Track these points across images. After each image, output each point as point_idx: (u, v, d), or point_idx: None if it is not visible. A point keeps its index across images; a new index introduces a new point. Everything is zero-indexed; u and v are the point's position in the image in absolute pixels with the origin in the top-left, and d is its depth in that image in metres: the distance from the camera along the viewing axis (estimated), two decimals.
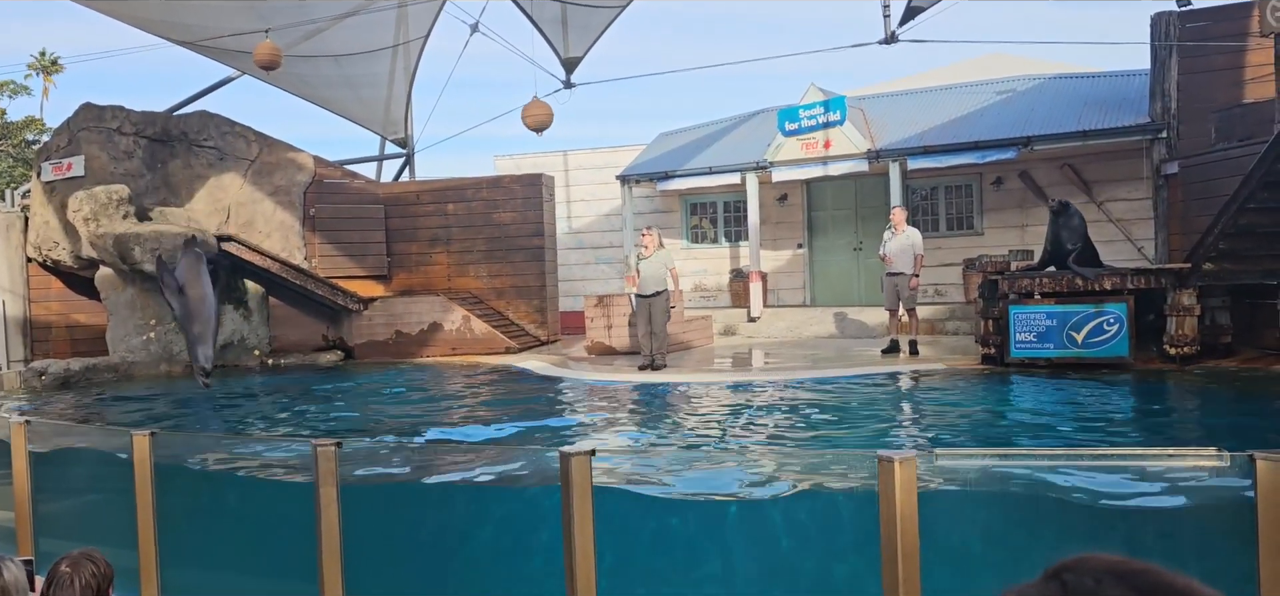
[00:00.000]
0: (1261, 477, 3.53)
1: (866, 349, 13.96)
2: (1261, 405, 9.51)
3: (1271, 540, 3.51)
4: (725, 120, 19.94)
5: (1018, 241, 16.28)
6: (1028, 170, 16.49)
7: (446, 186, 17.97)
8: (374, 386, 13.29)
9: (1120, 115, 14.95)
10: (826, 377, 11.45)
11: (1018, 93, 17.19)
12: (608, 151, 20.66)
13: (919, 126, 16.68)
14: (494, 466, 7.02)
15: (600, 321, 15.05)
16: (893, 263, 12.97)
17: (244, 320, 15.99)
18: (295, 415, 11.03)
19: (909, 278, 12.77)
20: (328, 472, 5.19)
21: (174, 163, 16.13)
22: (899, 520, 3.86)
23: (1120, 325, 10.92)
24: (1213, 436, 7.84)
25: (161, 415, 11.13)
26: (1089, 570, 0.76)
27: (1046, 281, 11.42)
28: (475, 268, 17.47)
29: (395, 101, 20.28)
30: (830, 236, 18.59)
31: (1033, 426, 8.92)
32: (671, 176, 18.10)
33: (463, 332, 16.25)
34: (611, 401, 11.29)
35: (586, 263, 20.79)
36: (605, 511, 4.56)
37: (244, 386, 13.82)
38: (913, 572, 3.86)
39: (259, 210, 16.40)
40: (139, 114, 16.01)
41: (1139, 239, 15.59)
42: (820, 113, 16.46)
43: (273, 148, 16.75)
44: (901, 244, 12.92)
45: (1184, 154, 13.44)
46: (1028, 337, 11.32)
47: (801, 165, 16.85)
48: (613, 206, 20.03)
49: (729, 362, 13.87)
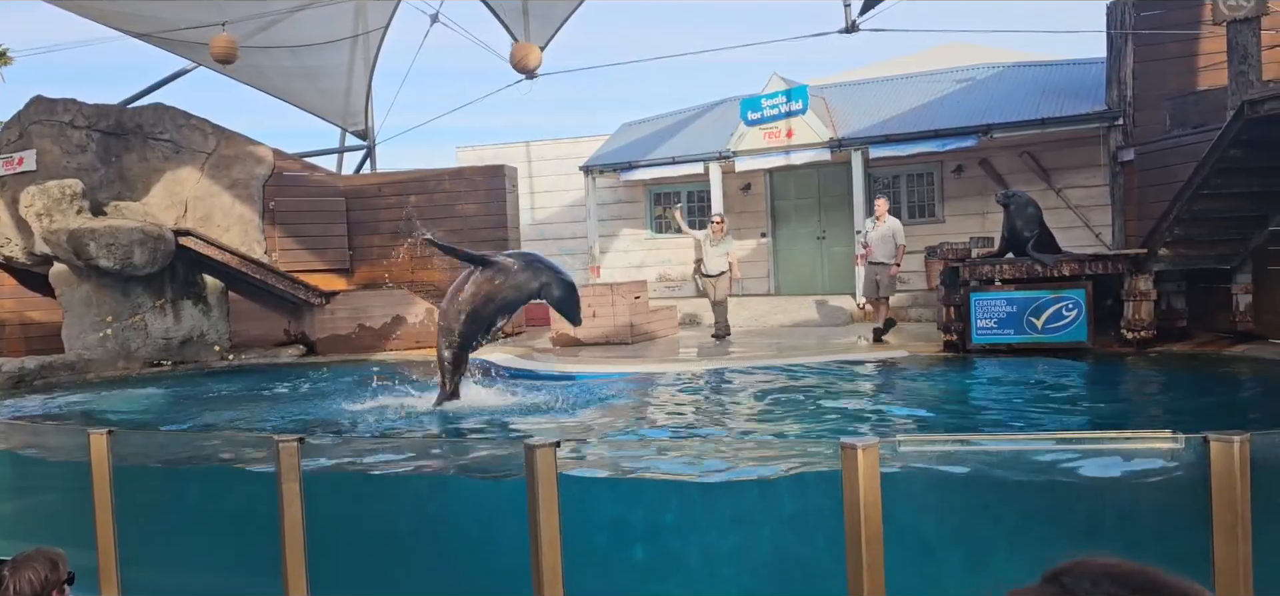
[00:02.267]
0: (1215, 459, 3.60)
1: (831, 337, 14.06)
2: (1215, 388, 9.70)
3: (1224, 520, 3.58)
4: (688, 110, 19.96)
5: (979, 228, 16.47)
6: (988, 158, 16.68)
7: (408, 178, 17.82)
8: (336, 381, 13.16)
9: (1077, 103, 15.16)
10: (791, 365, 11.51)
11: (977, 81, 17.38)
12: (571, 142, 20.61)
13: (880, 115, 16.81)
14: (458, 459, 6.99)
15: None
16: (873, 252, 13.25)
17: (203, 316, 15.76)
18: (256, 410, 10.90)
19: (889, 267, 12.95)
20: (290, 468, 5.14)
21: (129, 156, 15.84)
22: (862, 506, 3.89)
23: (1079, 310, 11.08)
24: (1168, 419, 7.99)
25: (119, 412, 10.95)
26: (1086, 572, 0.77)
27: (1007, 268, 11.57)
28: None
29: (355, 93, 20.08)
30: (793, 225, 18.68)
31: (994, 411, 9.04)
32: (635, 166, 18.09)
33: (427, 326, 16.13)
34: (576, 393, 11.27)
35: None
36: (571, 500, 4.55)
37: (203, 383, 13.63)
38: (876, 557, 3.90)
39: (217, 204, 16.17)
40: (92, 107, 15.70)
41: (1097, 225, 15.83)
42: (782, 102, 16.53)
43: (231, 140, 16.51)
44: (882, 233, 13.17)
45: (1140, 141, 13.65)
46: (989, 324, 11.45)
47: (764, 154, 16.91)
48: (576, 197, 19.99)
49: (695, 352, 13.90)
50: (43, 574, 3.28)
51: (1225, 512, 3.58)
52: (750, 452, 6.54)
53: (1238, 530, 3.57)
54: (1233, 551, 3.58)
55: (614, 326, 14.72)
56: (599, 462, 6.16)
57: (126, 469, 5.88)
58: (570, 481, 4.86)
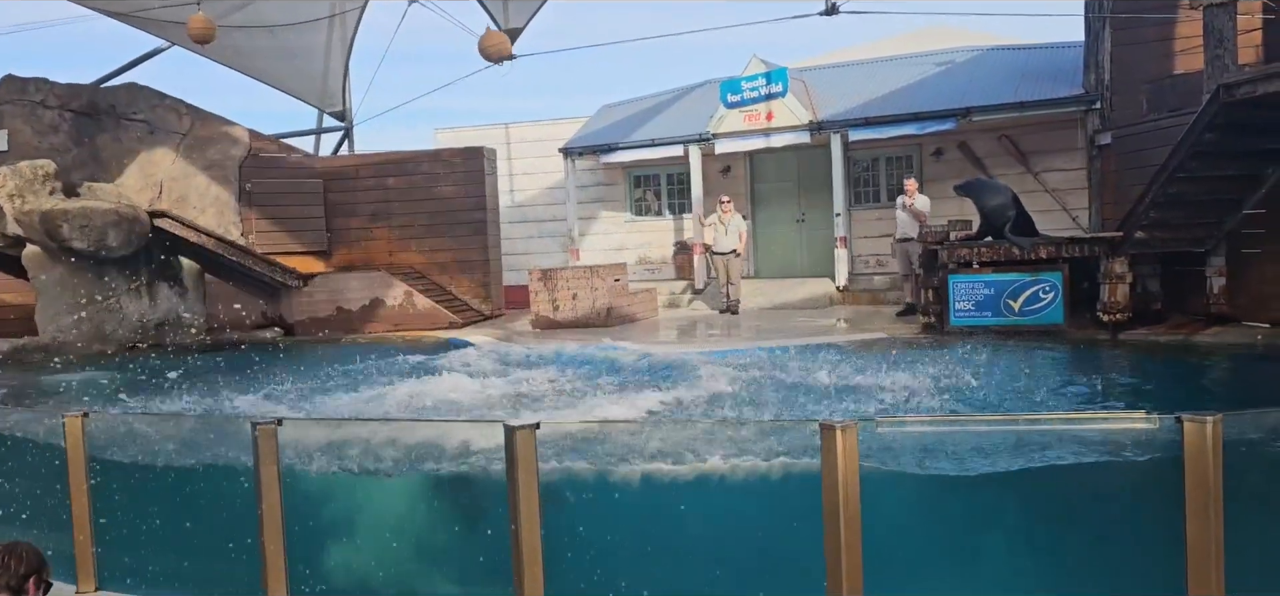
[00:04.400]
0: (1188, 439, 3.63)
1: (810, 320, 14.12)
2: (1189, 369, 9.81)
3: (1197, 499, 3.62)
4: (668, 92, 19.90)
5: (957, 212, 16.52)
6: (966, 141, 16.73)
7: (386, 160, 17.71)
8: (313, 363, 13.08)
9: (1055, 87, 15.23)
10: (769, 347, 11.53)
11: (956, 64, 17.42)
12: (550, 124, 20.51)
13: (860, 98, 16.82)
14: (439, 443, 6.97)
15: (545, 295, 15.00)
16: (903, 230, 13.87)
17: (179, 298, 15.62)
18: (234, 393, 10.81)
19: (917, 242, 13.15)
20: (268, 451, 5.10)
21: (102, 137, 15.65)
22: (842, 486, 3.91)
23: (1056, 293, 11.17)
24: (1143, 400, 8.07)
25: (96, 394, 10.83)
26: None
27: (984, 251, 11.63)
28: (417, 242, 17.27)
29: (332, 73, 19.91)
30: (773, 208, 18.70)
31: (970, 393, 9.09)
32: (614, 149, 18.04)
33: (405, 308, 16.07)
34: (555, 374, 11.25)
35: (530, 236, 20.66)
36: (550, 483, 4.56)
37: (181, 365, 13.51)
38: (854, 537, 3.92)
39: (192, 185, 16.01)
40: (64, 86, 15.49)
41: (1074, 208, 15.93)
42: (762, 84, 16.51)
43: (205, 121, 16.34)
44: (914, 212, 13.76)
45: (1117, 125, 13.74)
46: (966, 306, 11.53)
47: (744, 137, 16.90)
48: (556, 179, 19.91)
49: (675, 334, 13.92)
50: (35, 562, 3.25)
51: (1198, 491, 3.62)
52: (729, 434, 6.55)
53: (1210, 509, 3.61)
54: (1205, 529, 3.63)
55: (593, 308, 14.72)
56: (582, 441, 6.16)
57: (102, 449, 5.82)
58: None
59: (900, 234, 14.05)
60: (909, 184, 14.37)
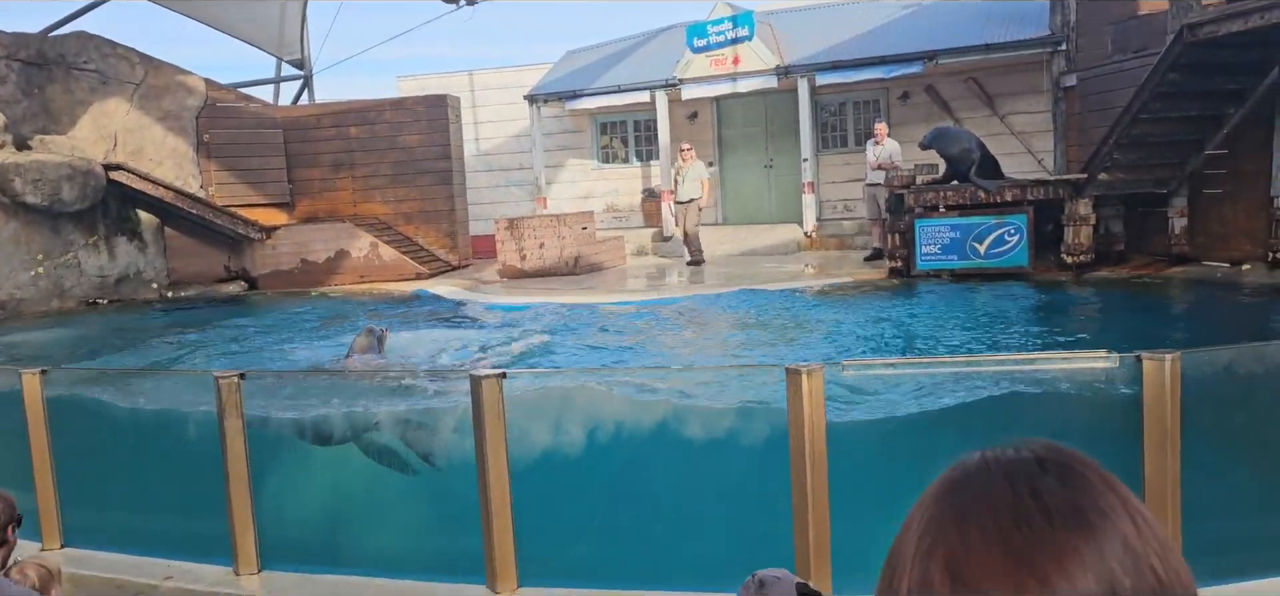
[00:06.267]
0: (1147, 377, 3.68)
1: (779, 266, 14.14)
2: (1150, 309, 9.96)
3: (1155, 435, 3.68)
4: (634, 37, 19.69)
5: (924, 155, 16.58)
6: (933, 84, 16.73)
7: (348, 109, 17.43)
8: (279, 317, 12.95)
9: (1021, 28, 15.21)
10: (739, 293, 11.56)
11: (923, 7, 17.35)
12: (514, 71, 20.25)
13: (827, 42, 16.73)
14: (408, 399, 6.94)
15: (511, 245, 14.90)
16: (871, 175, 13.74)
17: (139, 252, 15.36)
18: (196, 347, 10.70)
19: (883, 188, 13.14)
20: (232, 404, 5.05)
21: (52, 87, 15.25)
22: (807, 429, 3.93)
23: (1020, 235, 11.25)
24: (1104, 339, 8.18)
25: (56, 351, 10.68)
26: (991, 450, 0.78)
27: (950, 195, 11.68)
28: (382, 192, 17.07)
29: (289, 20, 19.48)
30: (741, 154, 18.64)
31: (936, 334, 9.17)
32: (580, 96, 17.85)
33: (371, 260, 15.91)
34: (524, 324, 11.22)
35: (496, 185, 20.48)
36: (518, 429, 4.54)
37: (140, 320, 13.34)
38: (821, 480, 3.95)
39: (148, 136, 15.68)
40: (10, 35, 15.04)
41: (1039, 151, 16.01)
42: (728, 28, 16.37)
43: (159, 70, 15.96)
44: (880, 156, 13.62)
45: (1082, 66, 13.77)
46: (933, 249, 11.59)
47: (711, 82, 16.79)
48: (521, 127, 19.71)
49: (643, 283, 13.90)
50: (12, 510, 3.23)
51: (1155, 427, 3.67)
52: (697, 379, 6.57)
53: (1167, 445, 3.67)
54: (1162, 466, 3.69)
55: (561, 257, 14.65)
56: (548, 393, 6.15)
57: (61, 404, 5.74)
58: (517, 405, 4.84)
59: (869, 178, 14.04)
60: (879, 128, 14.35)
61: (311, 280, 15.74)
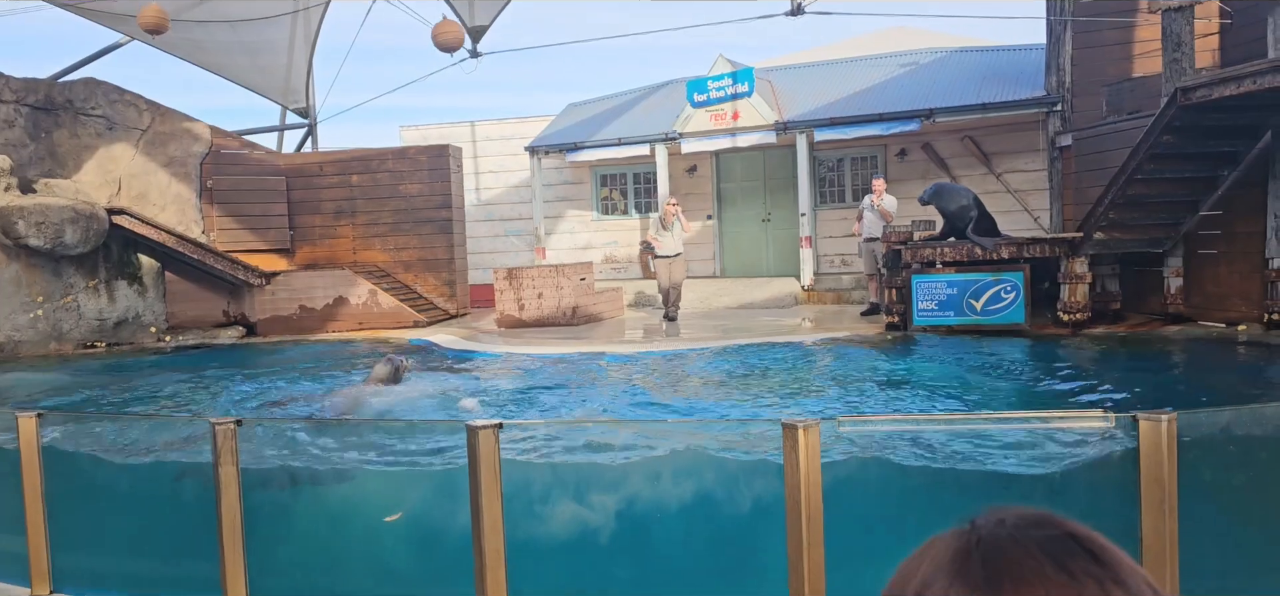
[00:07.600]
0: (1144, 437, 3.68)
1: (776, 319, 14.17)
2: (1146, 368, 9.97)
3: (1153, 496, 3.67)
4: (634, 91, 19.91)
5: (921, 212, 16.68)
6: (930, 142, 16.89)
7: (351, 157, 17.56)
8: (276, 363, 12.94)
9: (1018, 88, 15.41)
10: (736, 347, 11.57)
11: (920, 66, 17.57)
12: (516, 122, 20.44)
13: (825, 98, 16.92)
14: (404, 443, 6.91)
15: (510, 294, 14.94)
16: (868, 230, 13.81)
17: (139, 296, 15.38)
18: (193, 393, 10.67)
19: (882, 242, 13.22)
20: (227, 450, 5.04)
21: (59, 132, 15.37)
22: (804, 485, 3.93)
23: (1017, 293, 11.29)
24: (1100, 399, 8.18)
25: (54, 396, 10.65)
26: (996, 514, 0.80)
27: (948, 251, 11.75)
28: (382, 240, 17.15)
29: (295, 70, 19.68)
30: (739, 208, 18.76)
31: (933, 392, 9.17)
32: (581, 148, 18.01)
33: (369, 307, 15.94)
34: (521, 374, 11.22)
35: (496, 235, 20.58)
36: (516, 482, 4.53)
37: (138, 365, 13.31)
38: (816, 536, 3.94)
39: (153, 182, 15.78)
40: (20, 80, 15.18)
41: (1035, 209, 16.13)
42: (729, 84, 16.57)
43: (166, 116, 16.10)
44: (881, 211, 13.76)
45: (1077, 126, 13.92)
46: (929, 305, 11.63)
47: (710, 136, 16.94)
48: (521, 178, 19.85)
49: (640, 334, 13.91)
50: None
51: (1153, 488, 3.67)
52: (693, 434, 6.56)
53: (1165, 506, 3.67)
54: (1160, 526, 3.68)
55: (559, 307, 14.68)
56: (543, 445, 6.14)
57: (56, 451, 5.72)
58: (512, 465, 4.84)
59: (866, 233, 14.11)
60: (877, 184, 14.45)
61: (310, 327, 15.75)
